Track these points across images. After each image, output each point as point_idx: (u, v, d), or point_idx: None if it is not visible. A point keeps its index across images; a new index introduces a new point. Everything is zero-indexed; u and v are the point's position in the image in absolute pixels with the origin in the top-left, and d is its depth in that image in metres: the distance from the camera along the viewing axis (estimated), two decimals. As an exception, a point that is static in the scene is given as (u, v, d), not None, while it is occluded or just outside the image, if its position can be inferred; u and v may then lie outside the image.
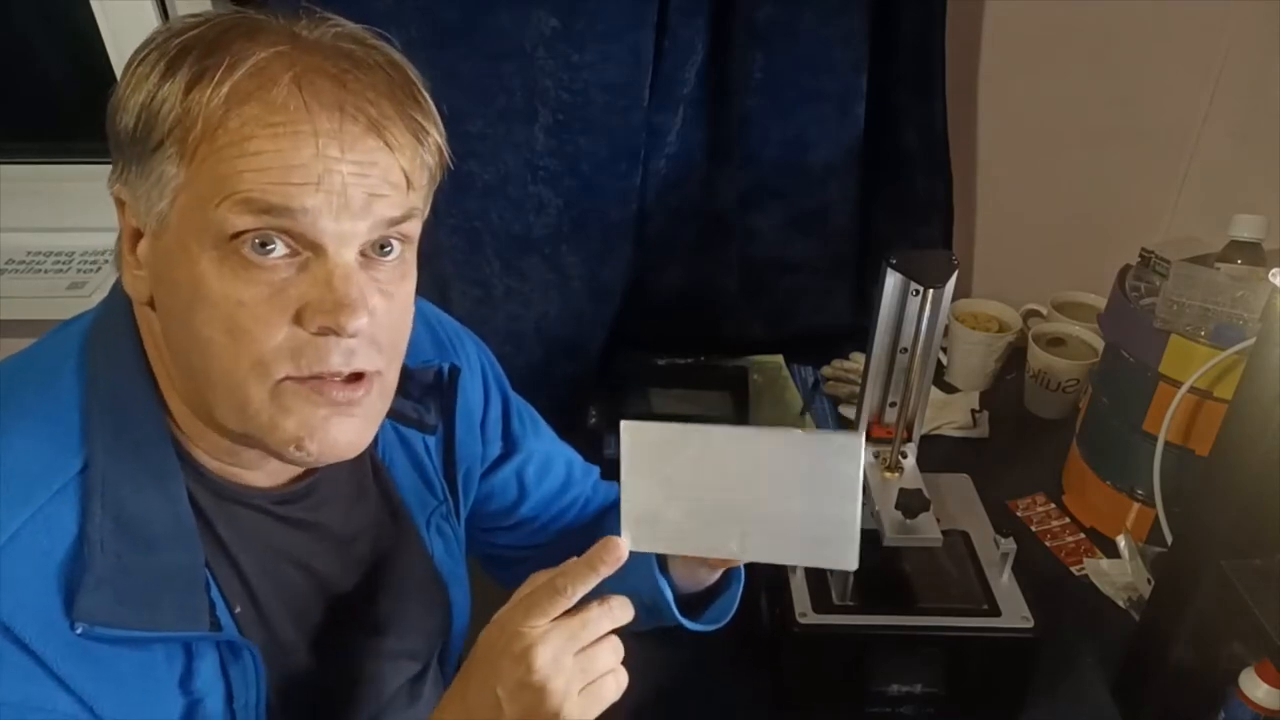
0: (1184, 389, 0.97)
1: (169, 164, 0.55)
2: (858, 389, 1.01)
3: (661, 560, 0.78)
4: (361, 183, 0.56)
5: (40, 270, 1.39)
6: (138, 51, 0.56)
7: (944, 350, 1.36)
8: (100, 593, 0.56)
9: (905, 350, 0.91)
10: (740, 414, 1.27)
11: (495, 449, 0.85)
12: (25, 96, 1.42)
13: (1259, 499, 0.77)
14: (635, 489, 0.65)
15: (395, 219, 0.59)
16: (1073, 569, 1.08)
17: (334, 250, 0.56)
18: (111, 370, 0.62)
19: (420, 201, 0.62)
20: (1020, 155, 1.38)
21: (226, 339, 0.56)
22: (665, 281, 1.39)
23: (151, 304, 0.60)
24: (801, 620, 0.87)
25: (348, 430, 0.60)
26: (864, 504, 0.94)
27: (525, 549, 0.91)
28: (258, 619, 0.66)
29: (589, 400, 1.30)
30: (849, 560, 0.64)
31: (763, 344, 1.42)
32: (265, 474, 0.67)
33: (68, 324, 0.66)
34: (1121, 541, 1.05)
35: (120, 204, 0.60)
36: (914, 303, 0.88)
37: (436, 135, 0.62)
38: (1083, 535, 1.12)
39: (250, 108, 0.54)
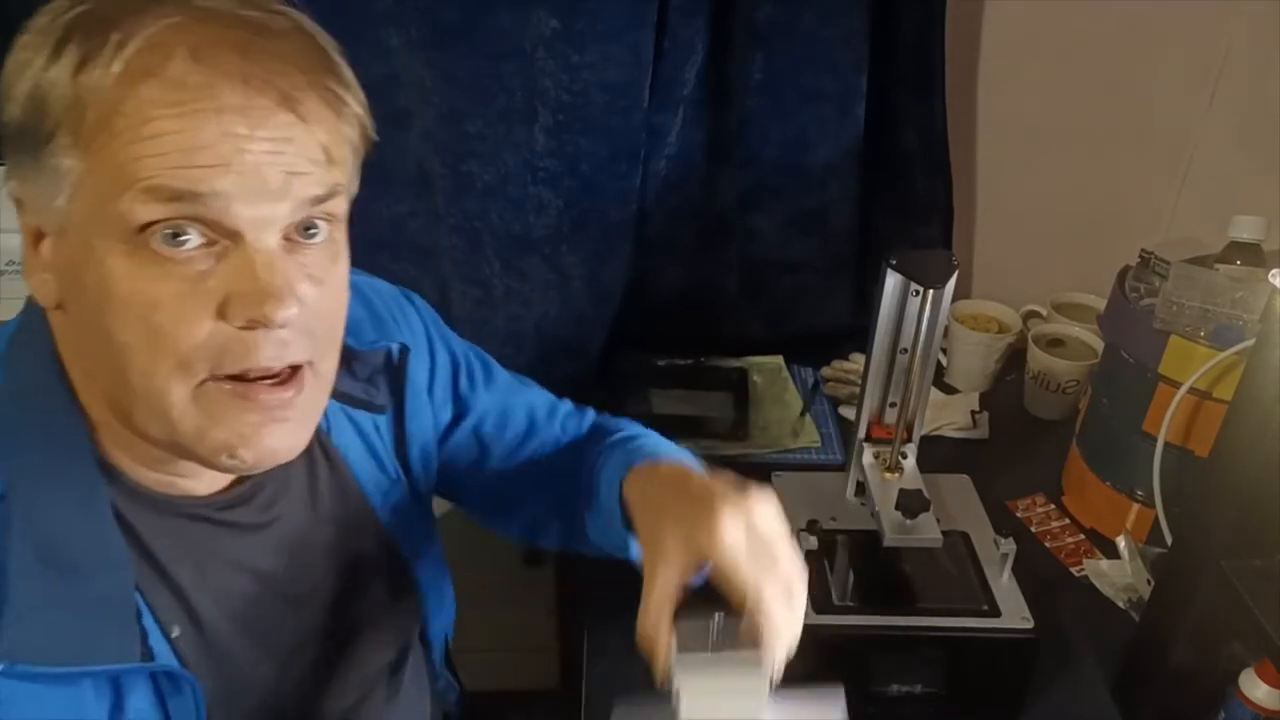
0: (1184, 389, 0.97)
1: (64, 156, 0.50)
2: (858, 389, 1.01)
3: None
4: (276, 161, 0.52)
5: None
6: (22, 33, 0.52)
7: (944, 351, 1.36)
8: (21, 628, 0.53)
9: (905, 351, 0.91)
10: (740, 414, 1.27)
11: (446, 413, 0.82)
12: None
13: (1259, 499, 0.77)
14: None
15: (318, 197, 0.54)
16: (1073, 569, 1.08)
17: (253, 236, 0.52)
18: (27, 386, 0.58)
19: (345, 177, 0.57)
20: (1020, 155, 1.38)
21: (143, 341, 0.52)
22: (665, 281, 1.39)
23: (62, 308, 0.56)
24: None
25: (283, 435, 0.57)
26: (865, 504, 0.95)
27: (513, 498, 0.87)
28: (199, 638, 0.63)
29: (589, 400, 1.29)
30: None
31: (763, 344, 1.42)
32: (205, 481, 0.63)
33: None
34: (1121, 542, 1.05)
35: (18, 203, 0.55)
36: (914, 303, 0.88)
37: (356, 105, 0.57)
38: (1083, 536, 1.12)
39: (147, 87, 0.49)
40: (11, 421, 0.57)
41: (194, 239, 0.51)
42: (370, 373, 0.74)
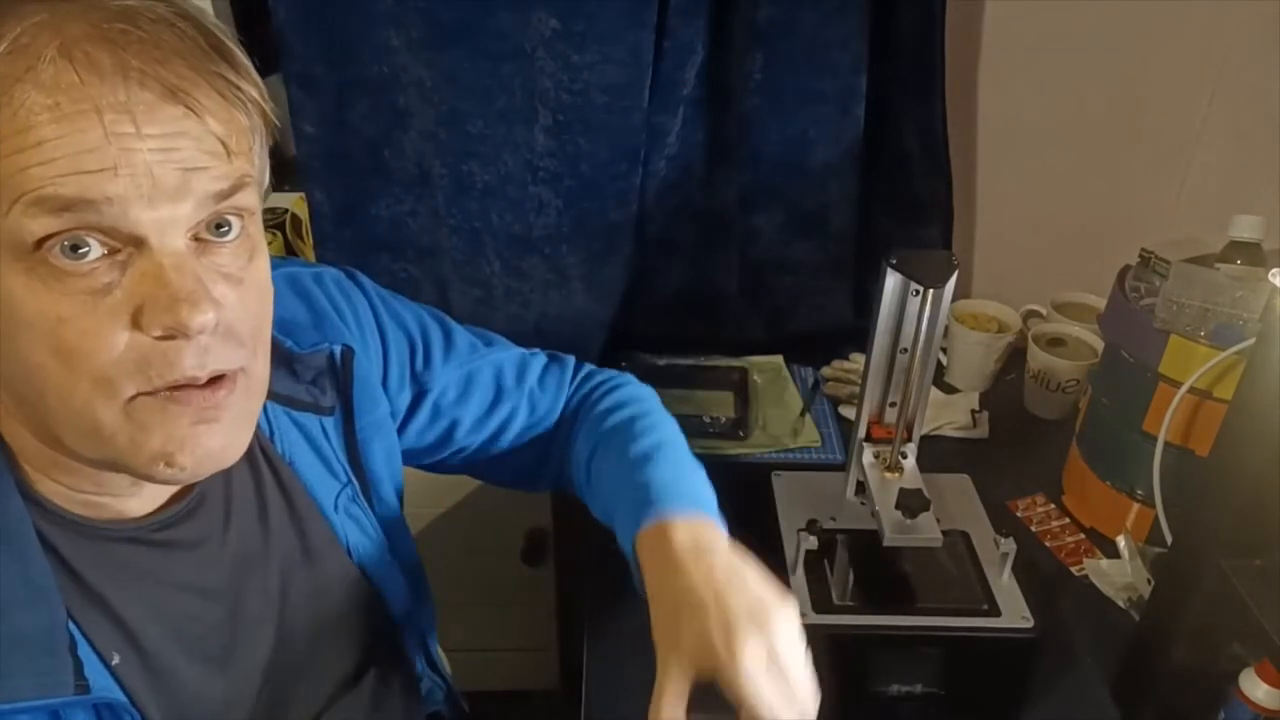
0: (1184, 389, 0.97)
1: None
2: (858, 389, 1.01)
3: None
4: (169, 158, 0.48)
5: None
6: None
7: (944, 350, 1.36)
8: None
9: (905, 350, 0.91)
10: (740, 414, 1.27)
11: (405, 398, 0.80)
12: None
13: (1259, 499, 0.76)
14: None
15: (223, 192, 0.51)
16: (1073, 569, 1.08)
17: (157, 240, 0.49)
18: None
19: (250, 166, 0.54)
20: (1020, 155, 1.38)
21: (56, 361, 0.49)
22: (665, 281, 1.39)
23: None
24: (801, 620, 0.87)
25: (218, 435, 0.54)
26: (865, 504, 0.95)
27: (481, 463, 0.86)
28: (142, 663, 0.60)
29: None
30: None
31: (763, 344, 1.42)
32: (140, 500, 0.61)
33: None
34: (1121, 541, 1.05)
35: None
36: (914, 303, 0.88)
37: (254, 90, 0.53)
38: (1083, 535, 1.12)
39: (20, 92, 0.46)
40: None
41: (95, 249, 0.48)
42: (313, 375, 0.71)
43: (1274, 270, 0.74)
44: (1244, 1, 1.23)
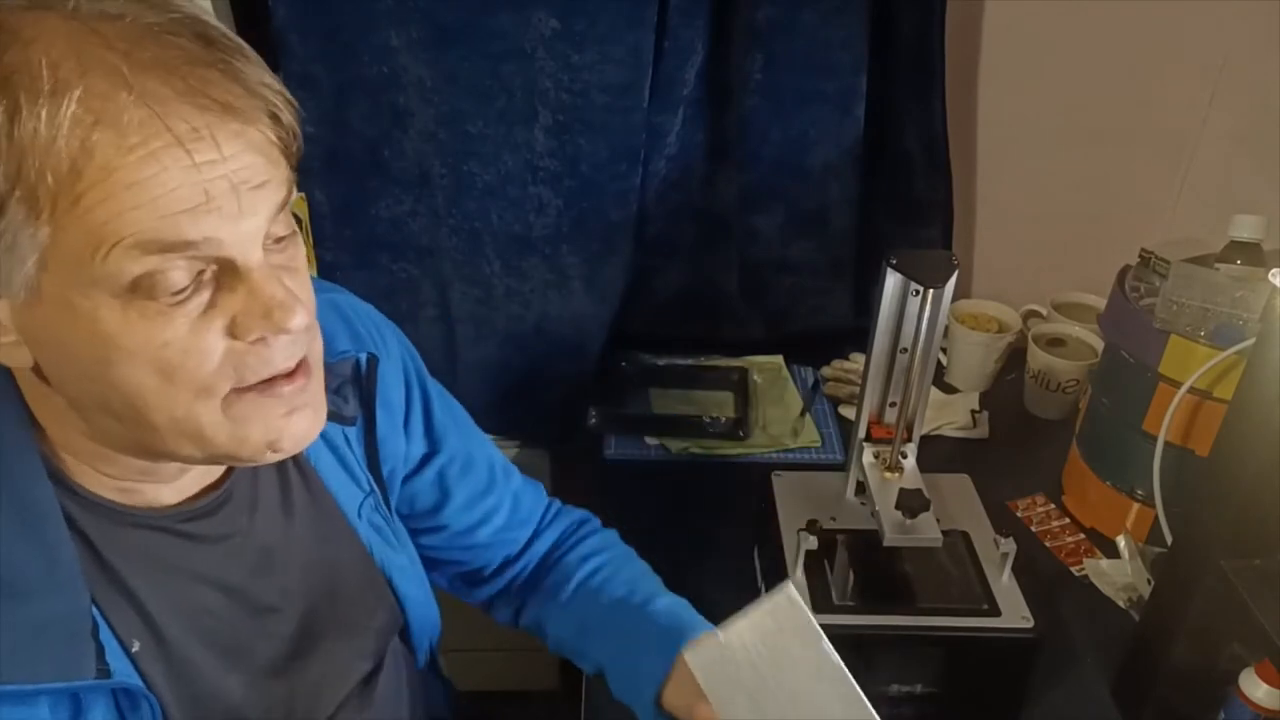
0: (1184, 389, 0.97)
1: (21, 228, 0.47)
2: (858, 389, 1.01)
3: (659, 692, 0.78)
4: (245, 178, 0.50)
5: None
6: None
7: (944, 350, 1.36)
8: None
9: (905, 350, 0.91)
10: (740, 414, 1.27)
11: (419, 448, 0.82)
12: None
13: (1259, 499, 0.76)
14: (744, 635, 0.63)
15: (283, 201, 0.54)
16: (1073, 569, 1.08)
17: (243, 259, 0.51)
18: None
19: (290, 171, 0.55)
20: (1020, 155, 1.38)
21: (159, 381, 0.52)
22: (665, 282, 1.39)
23: (35, 369, 0.54)
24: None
25: (307, 420, 0.58)
26: (865, 504, 0.95)
27: (449, 550, 0.88)
28: (161, 651, 0.62)
29: (589, 400, 1.30)
30: None
31: (763, 344, 1.42)
32: (173, 489, 0.63)
33: None
34: (1121, 541, 1.05)
35: None
36: (914, 303, 0.88)
37: (274, 82, 0.53)
38: (1083, 535, 1.12)
39: (99, 136, 0.46)
40: None
41: (185, 274, 0.50)
42: (339, 383, 0.73)
43: (1274, 270, 0.74)
44: (1244, 1, 1.23)
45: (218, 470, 0.66)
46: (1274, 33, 1.22)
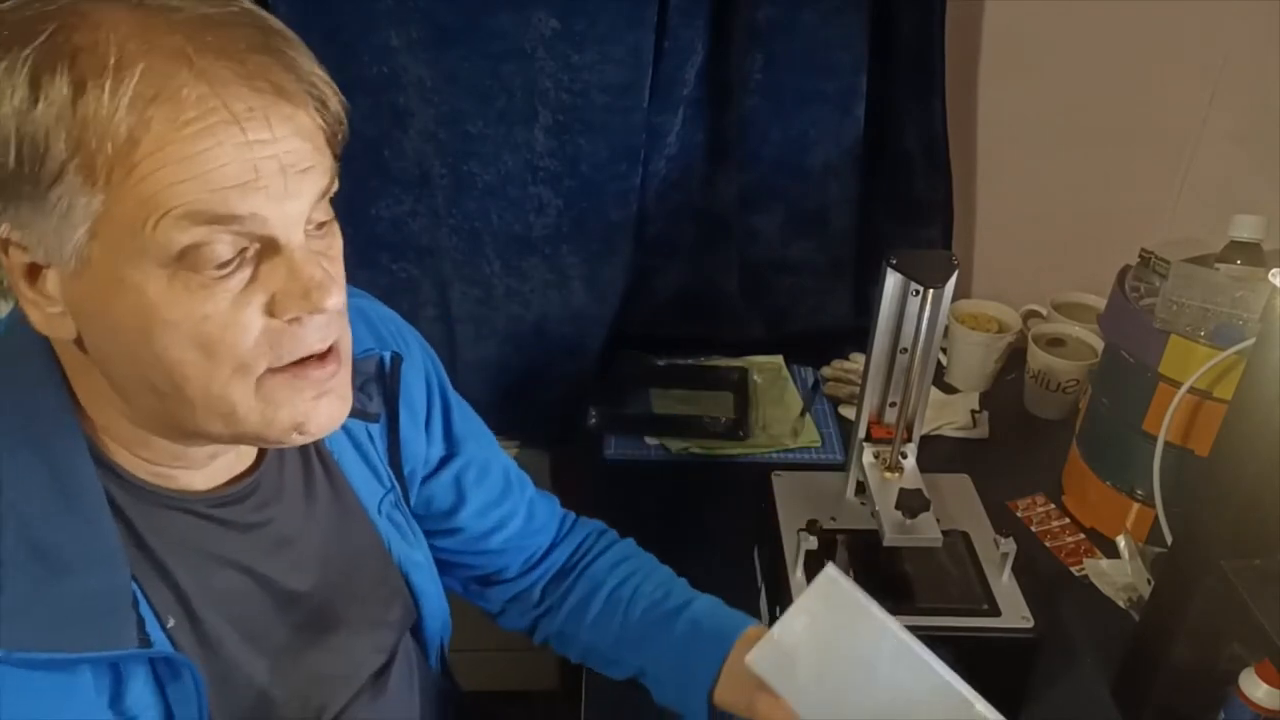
0: (1184, 389, 0.97)
1: (76, 195, 0.49)
2: (858, 389, 1.01)
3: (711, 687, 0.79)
4: (293, 161, 0.53)
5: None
6: None
7: (944, 350, 1.36)
8: (18, 618, 0.54)
9: (905, 350, 0.91)
10: (740, 414, 1.27)
11: (438, 450, 0.84)
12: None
13: (1259, 499, 0.76)
14: (796, 626, 0.64)
15: (325, 188, 0.56)
16: (1073, 569, 1.08)
17: (285, 238, 0.53)
18: (18, 391, 0.58)
19: (334, 160, 0.58)
20: (1020, 155, 1.38)
21: (200, 354, 0.53)
22: (665, 281, 1.39)
23: (78, 341, 0.56)
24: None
25: (334, 406, 0.60)
26: (865, 504, 0.95)
27: (462, 554, 0.89)
28: (193, 631, 0.63)
29: (589, 400, 1.30)
30: None
31: (763, 344, 1.42)
32: (204, 475, 0.65)
33: None
34: (1121, 541, 1.05)
35: (2, 244, 0.53)
36: (914, 303, 0.88)
37: (324, 72, 0.56)
38: (1083, 535, 1.12)
39: (157, 111, 0.48)
40: (4, 429, 0.57)
41: (229, 249, 0.52)
42: (363, 380, 0.74)
43: (1274, 270, 0.74)
44: (1244, 1, 1.23)
45: (248, 460, 0.68)
46: (1274, 33, 1.22)
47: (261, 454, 0.69)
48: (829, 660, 0.65)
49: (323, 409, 0.59)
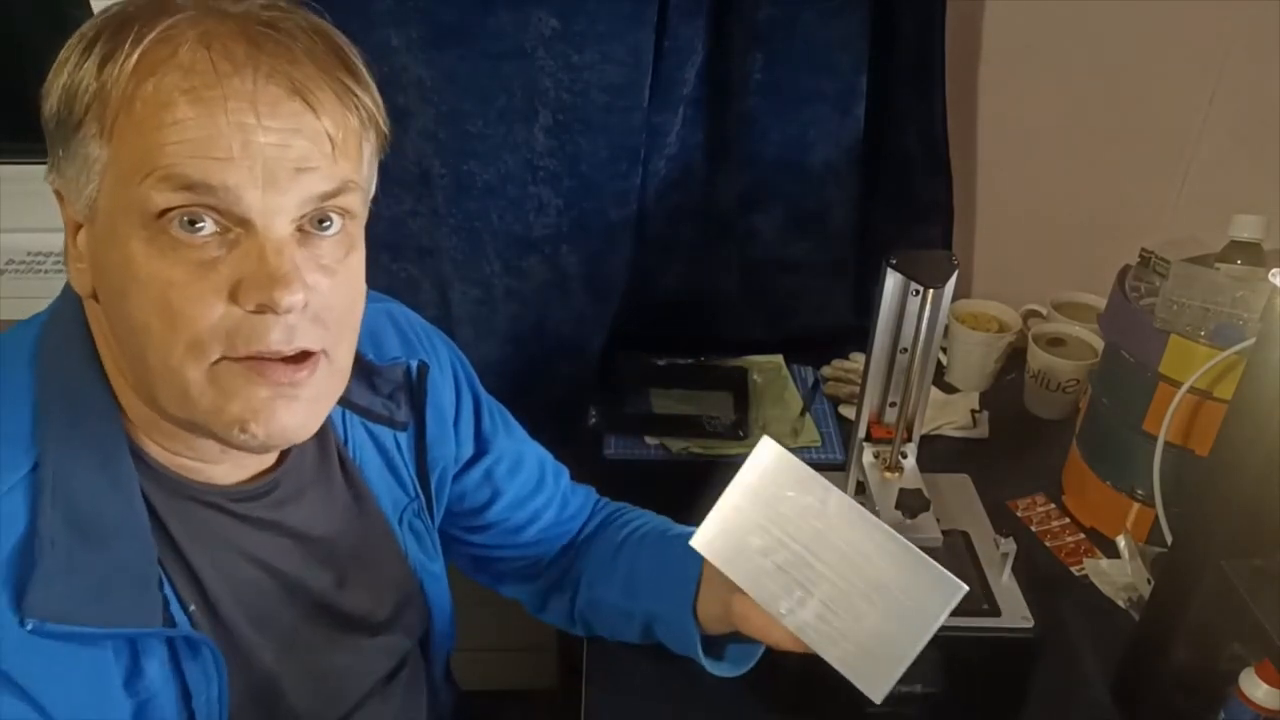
0: (1184, 389, 0.97)
1: (91, 144, 0.54)
2: (858, 389, 1.01)
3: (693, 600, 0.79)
4: (284, 154, 0.54)
5: (40, 270, 1.39)
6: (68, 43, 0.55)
7: (944, 350, 1.36)
8: (50, 588, 0.55)
9: (905, 350, 0.91)
10: (740, 414, 1.27)
11: (468, 449, 0.85)
12: (25, 97, 1.42)
13: (1259, 499, 0.76)
14: (738, 505, 0.64)
15: (327, 193, 0.56)
16: (1073, 569, 1.08)
17: (263, 225, 0.54)
18: (63, 367, 0.61)
19: (355, 173, 0.59)
20: (1020, 155, 1.38)
21: (160, 322, 0.54)
22: (665, 281, 1.39)
23: (95, 296, 0.59)
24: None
25: (295, 413, 0.58)
26: (864, 504, 0.95)
27: (499, 548, 0.90)
28: (211, 619, 0.65)
29: (589, 400, 1.30)
30: (876, 689, 0.62)
31: (763, 344, 1.42)
32: (224, 469, 0.65)
33: (24, 323, 0.64)
34: (1121, 541, 1.05)
35: (59, 197, 0.58)
36: (914, 303, 0.88)
37: (370, 101, 0.59)
38: (1083, 535, 1.12)
39: (163, 75, 0.52)
40: (49, 402, 0.59)
41: (209, 226, 0.54)
42: (391, 389, 0.75)
43: (1274, 270, 0.74)
44: (1244, 1, 1.23)
45: (270, 457, 0.68)
46: (1274, 33, 1.22)
47: (285, 453, 0.69)
48: (775, 533, 0.64)
49: (278, 412, 0.57)
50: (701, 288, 1.39)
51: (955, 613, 0.88)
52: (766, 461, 0.63)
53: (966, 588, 0.62)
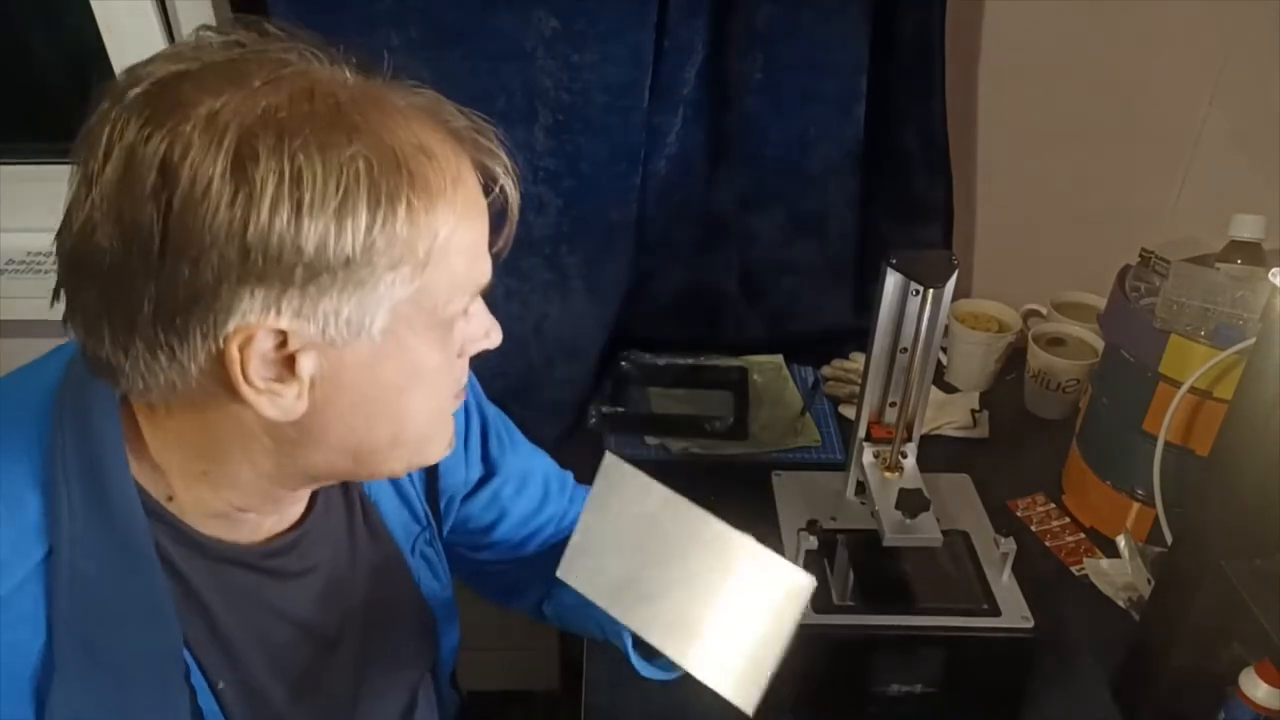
0: (1184, 389, 0.97)
1: (399, 285, 0.53)
2: (858, 389, 1.01)
3: None
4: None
5: (40, 270, 1.39)
6: (305, 211, 0.49)
7: (944, 350, 1.36)
8: (71, 690, 0.54)
9: (905, 350, 0.90)
10: (740, 414, 1.27)
11: (475, 472, 0.84)
12: (25, 97, 1.42)
13: (1259, 499, 0.77)
14: (588, 525, 0.63)
15: None
16: (1073, 569, 1.08)
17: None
18: (81, 446, 0.56)
19: None
20: (1020, 155, 1.38)
21: (423, 402, 0.59)
22: (665, 282, 1.39)
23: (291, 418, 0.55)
24: (801, 620, 0.87)
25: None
26: (865, 504, 0.95)
27: (501, 564, 0.90)
28: (242, 688, 0.64)
29: (589, 400, 1.30)
30: (745, 701, 0.59)
31: (763, 344, 1.42)
32: (249, 529, 0.64)
33: (19, 389, 0.61)
34: (1121, 541, 1.05)
35: (245, 336, 0.50)
36: (914, 303, 0.88)
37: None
38: (1083, 535, 1.12)
39: (452, 197, 0.56)
40: (63, 483, 0.56)
41: None
42: None
43: (1274, 270, 0.74)
44: (1244, 1, 1.23)
45: (301, 506, 0.68)
46: (1274, 33, 1.22)
47: (312, 501, 0.69)
48: (627, 546, 0.62)
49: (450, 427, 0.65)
50: (701, 288, 1.39)
51: (955, 612, 0.88)
52: (611, 476, 0.63)
53: (814, 579, 0.59)
